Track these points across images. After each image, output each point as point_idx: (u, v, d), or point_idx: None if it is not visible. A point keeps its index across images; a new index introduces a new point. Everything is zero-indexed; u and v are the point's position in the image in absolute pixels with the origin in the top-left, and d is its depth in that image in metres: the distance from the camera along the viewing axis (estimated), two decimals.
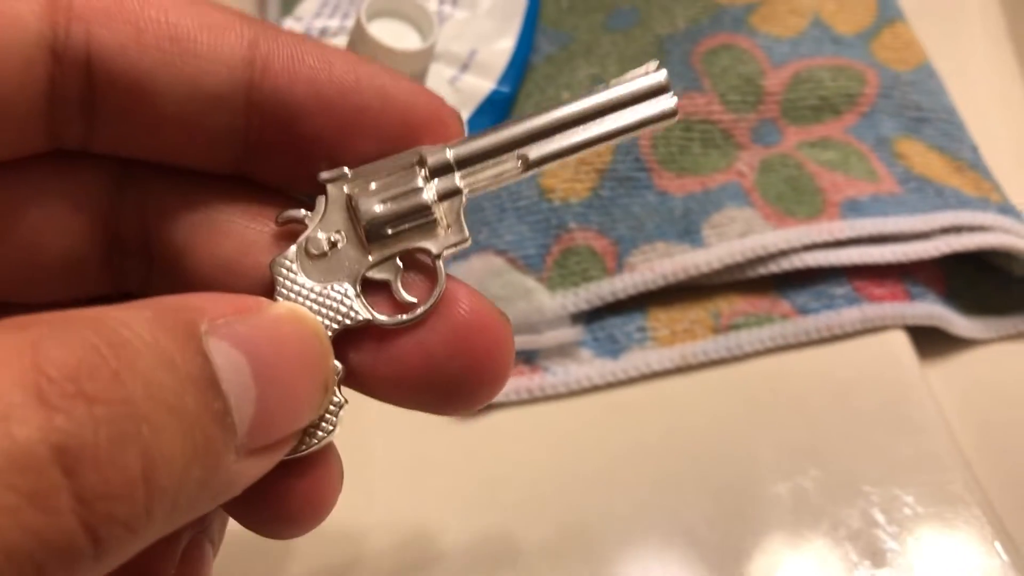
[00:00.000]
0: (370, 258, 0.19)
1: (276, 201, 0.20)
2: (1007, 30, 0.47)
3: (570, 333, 0.37)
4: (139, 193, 0.20)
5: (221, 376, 0.15)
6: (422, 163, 0.19)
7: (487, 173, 0.19)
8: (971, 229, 0.37)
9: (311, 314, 0.18)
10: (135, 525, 0.14)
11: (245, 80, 0.18)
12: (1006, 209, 0.38)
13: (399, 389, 0.19)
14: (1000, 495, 0.33)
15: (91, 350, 0.13)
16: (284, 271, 0.19)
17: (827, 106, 0.41)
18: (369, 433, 0.35)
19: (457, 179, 0.19)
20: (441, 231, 0.19)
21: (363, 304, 0.19)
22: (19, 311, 0.19)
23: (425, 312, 0.19)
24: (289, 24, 0.46)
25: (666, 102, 0.19)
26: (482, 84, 0.43)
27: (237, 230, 0.19)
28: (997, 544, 0.31)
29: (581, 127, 0.19)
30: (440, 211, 0.19)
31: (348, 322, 0.19)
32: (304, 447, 0.18)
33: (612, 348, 0.37)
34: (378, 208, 0.19)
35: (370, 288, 0.19)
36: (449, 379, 0.19)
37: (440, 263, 0.19)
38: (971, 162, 0.40)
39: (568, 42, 0.46)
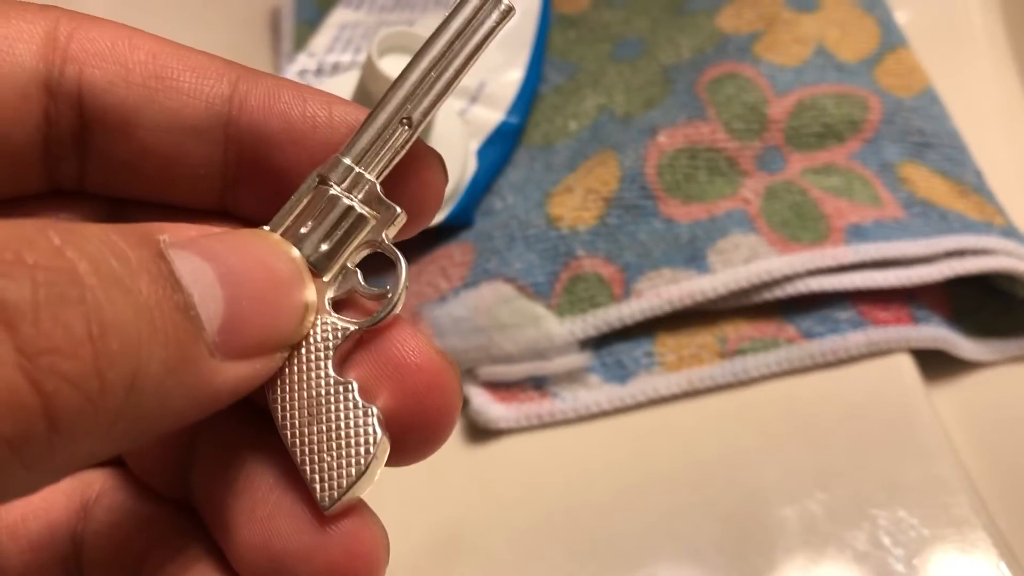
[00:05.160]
0: (325, 279, 0.19)
1: None
2: (1010, 54, 0.48)
3: (579, 359, 0.38)
4: None
5: (181, 275, 0.15)
6: (324, 180, 0.19)
7: (385, 153, 0.19)
8: (975, 253, 0.37)
9: (282, 239, 0.19)
10: (85, 385, 0.13)
11: (223, 115, 0.19)
12: (1009, 232, 0.38)
13: None
14: (1006, 517, 0.33)
15: (37, 230, 0.14)
16: None
17: (831, 133, 0.41)
18: None
19: (365, 174, 0.19)
20: (372, 221, 0.19)
21: (341, 319, 0.19)
22: None
23: (400, 295, 0.19)
24: (302, 60, 0.47)
25: (500, 6, 0.19)
26: (491, 115, 0.44)
27: None
28: (1003, 565, 0.31)
29: (441, 68, 0.20)
30: (364, 208, 0.19)
31: (339, 342, 0.19)
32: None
33: (620, 373, 0.38)
34: (309, 240, 0.19)
35: (341, 307, 0.19)
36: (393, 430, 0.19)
37: (391, 244, 0.19)
38: (975, 186, 0.40)
39: (575, 72, 0.47)
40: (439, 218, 0.41)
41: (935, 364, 0.37)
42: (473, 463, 0.36)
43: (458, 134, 0.42)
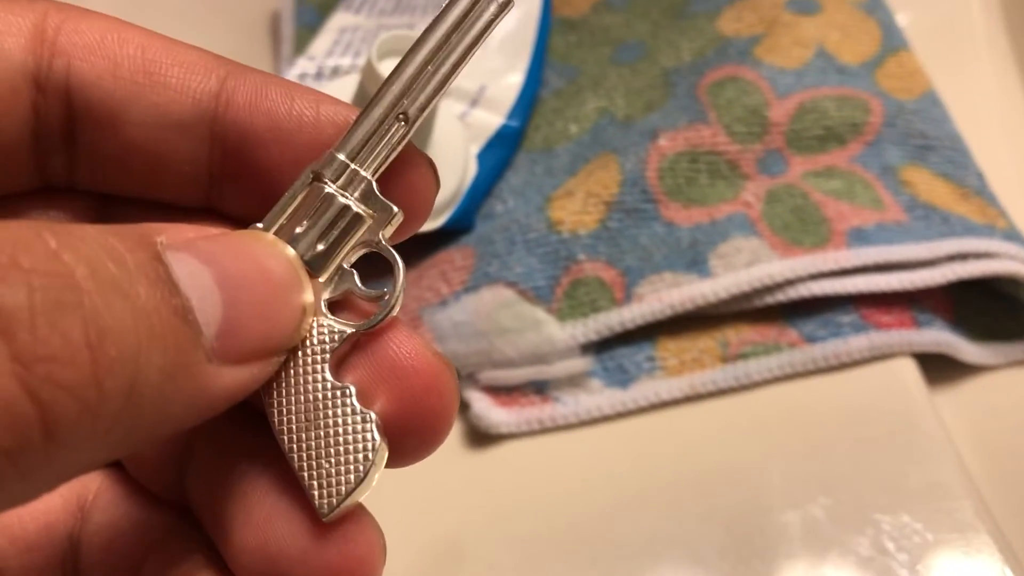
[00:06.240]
0: (321, 280, 0.19)
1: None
2: (1012, 57, 0.48)
3: (580, 363, 0.38)
4: None
5: (179, 279, 0.15)
6: (319, 178, 0.19)
7: (381, 149, 0.19)
8: (977, 256, 0.37)
9: (277, 239, 0.18)
10: (83, 394, 0.13)
11: (210, 111, 0.19)
12: (1012, 235, 0.38)
13: None
14: (1010, 521, 0.33)
15: (32, 232, 0.13)
16: None
17: (832, 136, 0.41)
18: None
19: (361, 171, 0.19)
20: (369, 220, 0.19)
21: (338, 321, 0.19)
22: None
23: (397, 297, 0.19)
24: (302, 63, 0.47)
25: None
26: (492, 119, 0.44)
27: None
28: (1008, 570, 0.31)
29: (437, 63, 0.19)
30: (360, 207, 0.19)
31: (336, 345, 0.18)
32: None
33: (622, 378, 0.38)
34: (304, 239, 0.19)
35: (337, 308, 0.19)
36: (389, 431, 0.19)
37: (387, 245, 0.19)
38: (977, 189, 0.40)
39: (575, 76, 0.47)
40: (440, 222, 0.41)
41: (938, 368, 0.37)
42: (474, 468, 0.36)
43: (458, 138, 0.42)
